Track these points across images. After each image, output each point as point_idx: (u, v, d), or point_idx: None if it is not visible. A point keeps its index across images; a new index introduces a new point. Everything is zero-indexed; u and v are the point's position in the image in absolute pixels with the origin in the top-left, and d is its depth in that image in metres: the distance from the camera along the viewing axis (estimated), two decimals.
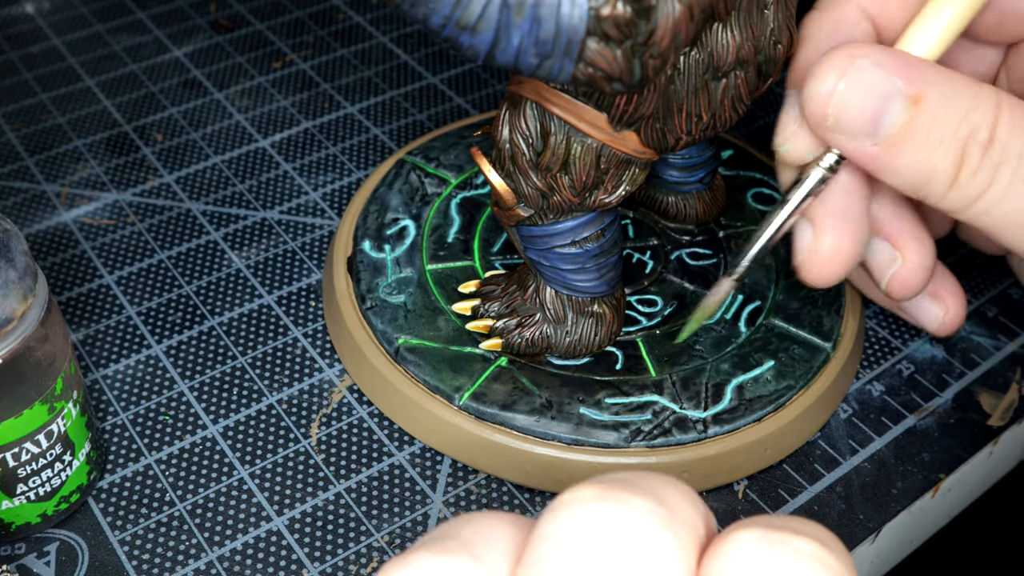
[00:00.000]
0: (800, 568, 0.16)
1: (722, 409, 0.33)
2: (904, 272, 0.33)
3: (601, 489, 0.16)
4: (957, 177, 0.28)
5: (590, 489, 0.16)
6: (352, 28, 0.53)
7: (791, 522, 0.17)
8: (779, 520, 0.17)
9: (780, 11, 0.29)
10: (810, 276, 0.32)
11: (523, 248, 0.33)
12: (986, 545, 0.50)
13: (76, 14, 0.53)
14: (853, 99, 0.28)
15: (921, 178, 0.29)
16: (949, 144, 0.28)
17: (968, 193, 0.28)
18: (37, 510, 0.31)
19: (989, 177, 0.28)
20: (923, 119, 0.28)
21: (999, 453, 0.37)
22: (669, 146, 0.30)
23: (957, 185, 0.28)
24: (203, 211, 0.43)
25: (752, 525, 0.16)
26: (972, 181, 0.28)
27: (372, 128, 0.47)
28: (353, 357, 0.36)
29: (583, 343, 0.34)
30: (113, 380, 0.36)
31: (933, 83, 0.28)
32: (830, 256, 0.31)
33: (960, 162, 0.28)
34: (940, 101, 0.28)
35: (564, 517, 0.16)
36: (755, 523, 0.17)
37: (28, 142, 0.46)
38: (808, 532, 0.16)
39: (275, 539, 0.32)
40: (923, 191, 0.29)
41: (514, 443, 0.32)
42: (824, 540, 0.16)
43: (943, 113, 0.28)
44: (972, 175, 0.28)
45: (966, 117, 0.28)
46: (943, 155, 0.28)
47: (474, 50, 0.25)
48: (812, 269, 0.32)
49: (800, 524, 0.17)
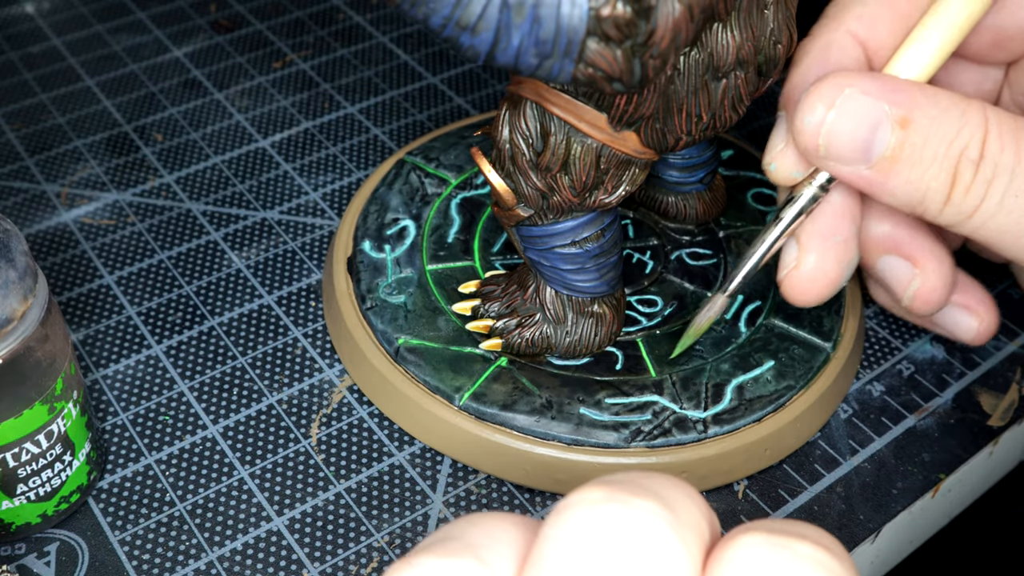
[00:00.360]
0: (803, 572, 0.16)
1: (722, 409, 0.33)
2: (924, 289, 0.33)
3: (607, 491, 0.16)
4: (951, 195, 0.28)
5: (596, 491, 0.16)
6: (352, 28, 0.53)
7: (794, 526, 0.17)
8: (782, 524, 0.17)
9: (780, 11, 0.29)
10: (791, 295, 0.32)
11: (523, 248, 0.33)
12: (986, 545, 0.50)
13: (76, 14, 0.53)
14: (843, 128, 0.28)
15: (916, 197, 0.29)
16: (941, 163, 0.28)
17: (963, 209, 0.28)
18: (37, 510, 0.31)
19: (982, 193, 0.28)
20: (913, 141, 0.28)
21: (999, 453, 0.37)
22: (669, 146, 0.30)
23: (952, 202, 0.28)
24: (203, 211, 0.43)
25: (755, 529, 0.17)
26: (966, 198, 0.28)
27: (372, 128, 0.47)
28: (353, 357, 0.36)
29: (583, 343, 0.34)
30: (113, 380, 0.36)
31: (920, 105, 0.28)
32: (812, 276, 0.32)
33: (953, 180, 0.28)
34: (928, 122, 0.28)
35: (570, 519, 0.16)
36: (758, 527, 0.17)
37: (28, 142, 0.46)
38: (811, 536, 0.16)
39: (275, 539, 0.32)
40: (919, 209, 0.29)
41: (514, 443, 0.32)
42: (827, 545, 0.16)
43: (933, 133, 0.28)
44: (966, 192, 0.28)
45: (957, 135, 0.28)
46: (936, 174, 0.28)
47: (474, 50, 0.25)
48: (794, 289, 0.32)
49: (803, 528, 0.17)
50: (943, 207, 0.29)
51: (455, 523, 0.18)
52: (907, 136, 0.28)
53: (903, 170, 0.28)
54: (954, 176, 0.28)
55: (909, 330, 0.39)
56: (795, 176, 0.31)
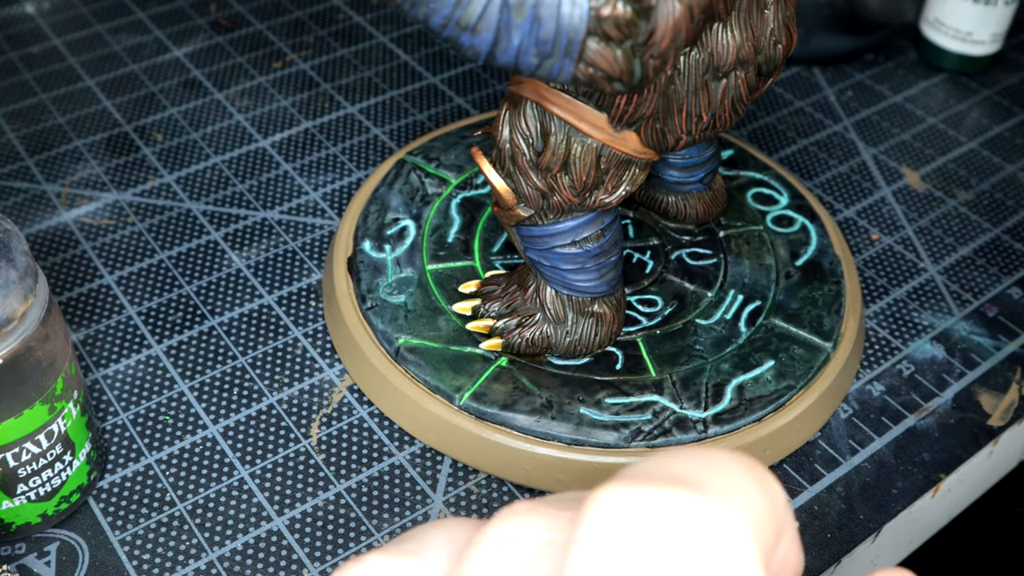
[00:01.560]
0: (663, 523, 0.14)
1: (722, 409, 0.33)
2: None
3: (531, 503, 0.16)
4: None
5: (521, 503, 0.17)
6: (352, 28, 0.53)
7: (670, 464, 0.15)
8: (657, 465, 0.15)
9: (780, 11, 0.29)
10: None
11: (523, 248, 0.33)
12: (986, 545, 0.50)
13: (76, 14, 0.53)
14: None
15: None
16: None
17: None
18: (37, 510, 0.31)
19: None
20: None
21: (999, 453, 0.37)
22: (669, 146, 0.30)
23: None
24: (203, 211, 0.43)
25: (620, 479, 0.15)
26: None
27: (372, 128, 0.47)
28: (353, 357, 0.36)
29: (583, 343, 0.34)
30: (113, 380, 0.36)
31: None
32: None
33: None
34: None
35: (492, 529, 0.16)
36: (624, 476, 0.15)
37: (28, 142, 0.46)
38: (685, 479, 0.15)
39: (275, 539, 0.32)
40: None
41: (514, 443, 0.32)
42: (701, 483, 0.15)
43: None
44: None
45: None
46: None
47: (475, 50, 0.25)
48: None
49: (682, 466, 0.15)
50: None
51: (422, 526, 0.18)
52: None
53: None
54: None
55: (909, 330, 0.39)
56: None
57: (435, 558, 0.17)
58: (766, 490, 0.16)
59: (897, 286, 0.41)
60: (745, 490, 0.16)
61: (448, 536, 0.18)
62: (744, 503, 0.15)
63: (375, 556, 0.17)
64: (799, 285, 0.37)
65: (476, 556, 0.16)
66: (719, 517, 0.15)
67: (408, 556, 0.17)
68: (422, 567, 0.17)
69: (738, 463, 0.16)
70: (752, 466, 0.16)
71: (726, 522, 0.15)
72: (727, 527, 0.15)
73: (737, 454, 0.16)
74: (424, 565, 0.17)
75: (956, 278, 0.41)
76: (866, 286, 0.41)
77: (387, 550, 0.17)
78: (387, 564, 0.17)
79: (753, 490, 0.16)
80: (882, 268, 0.41)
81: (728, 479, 0.16)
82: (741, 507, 0.15)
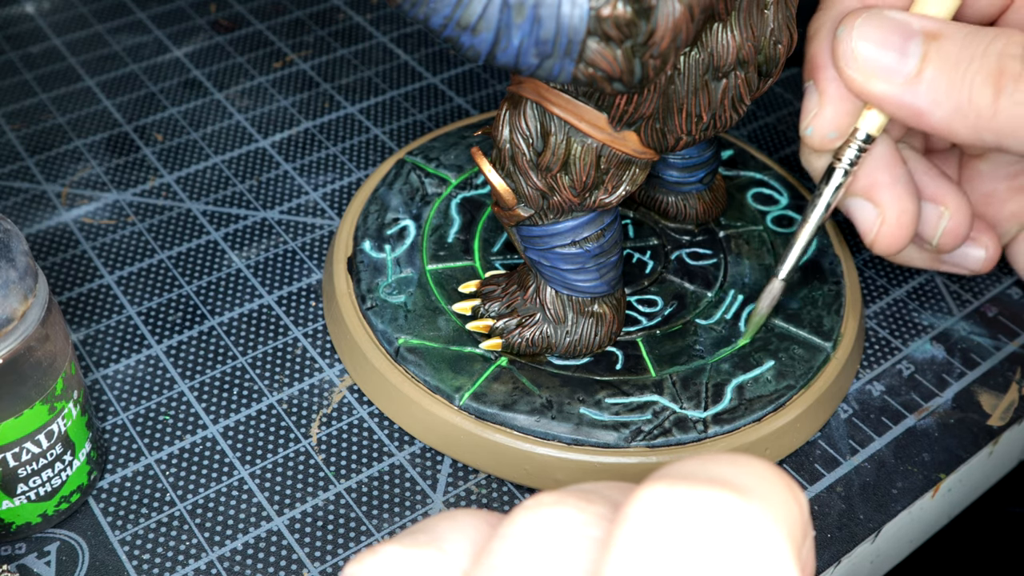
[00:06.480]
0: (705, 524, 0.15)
1: (722, 409, 0.33)
2: (952, 224, 0.35)
3: (559, 496, 0.16)
4: (1001, 86, 0.28)
5: (548, 496, 0.16)
6: (352, 28, 0.53)
7: (714, 466, 0.16)
8: (699, 465, 0.16)
9: (780, 11, 0.29)
10: (888, 248, 0.34)
11: (523, 248, 0.33)
12: (986, 545, 0.50)
13: (76, 14, 0.53)
14: (874, 36, 0.29)
15: (959, 101, 0.28)
16: (980, 62, 0.28)
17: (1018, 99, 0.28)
18: (37, 510, 0.31)
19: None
20: (947, 48, 0.28)
21: (999, 453, 0.37)
22: (669, 146, 0.30)
23: (1005, 94, 0.28)
24: (203, 211, 0.43)
25: (662, 478, 0.15)
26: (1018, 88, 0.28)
27: (372, 128, 0.47)
28: (353, 357, 0.36)
29: (583, 343, 0.34)
30: (113, 380, 0.36)
31: (949, 24, 0.29)
32: (901, 222, 0.33)
33: (1000, 73, 0.28)
34: (960, 34, 0.28)
35: (519, 521, 0.16)
36: (666, 475, 0.15)
37: (28, 142, 0.46)
38: (727, 480, 0.15)
39: (275, 539, 0.32)
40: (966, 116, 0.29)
41: (514, 443, 0.32)
42: (741, 486, 0.15)
43: (967, 41, 0.28)
44: (1016, 81, 0.28)
45: (992, 41, 0.28)
46: (978, 69, 0.28)
47: (475, 50, 0.25)
48: (885, 241, 0.33)
49: (725, 468, 0.16)
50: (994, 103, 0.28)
51: (432, 518, 0.18)
52: (940, 45, 0.28)
53: (940, 72, 0.28)
54: (999, 71, 0.28)
55: (909, 330, 0.39)
56: (831, 137, 0.32)
57: (452, 550, 0.17)
58: (795, 496, 0.16)
59: (897, 286, 0.41)
60: (781, 494, 0.16)
61: (461, 528, 0.18)
62: (780, 507, 0.16)
63: (390, 547, 0.17)
64: (799, 285, 0.37)
65: (502, 548, 0.16)
66: (761, 518, 0.15)
67: (424, 547, 0.17)
68: (440, 558, 0.17)
69: (769, 468, 0.16)
70: (780, 472, 0.17)
71: (767, 524, 0.15)
72: (768, 528, 0.15)
73: (765, 460, 0.17)
74: (441, 556, 0.17)
75: (956, 278, 0.41)
76: (866, 286, 0.41)
77: (401, 540, 0.17)
78: (403, 555, 0.17)
79: (787, 495, 0.16)
80: (882, 268, 0.41)
81: (764, 483, 0.16)
82: (778, 510, 0.15)
